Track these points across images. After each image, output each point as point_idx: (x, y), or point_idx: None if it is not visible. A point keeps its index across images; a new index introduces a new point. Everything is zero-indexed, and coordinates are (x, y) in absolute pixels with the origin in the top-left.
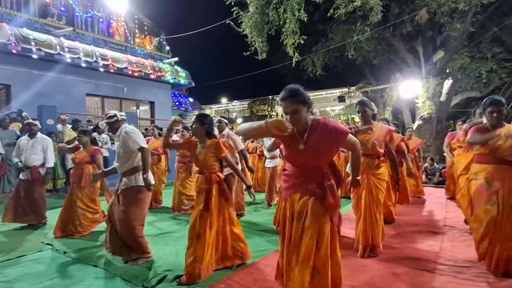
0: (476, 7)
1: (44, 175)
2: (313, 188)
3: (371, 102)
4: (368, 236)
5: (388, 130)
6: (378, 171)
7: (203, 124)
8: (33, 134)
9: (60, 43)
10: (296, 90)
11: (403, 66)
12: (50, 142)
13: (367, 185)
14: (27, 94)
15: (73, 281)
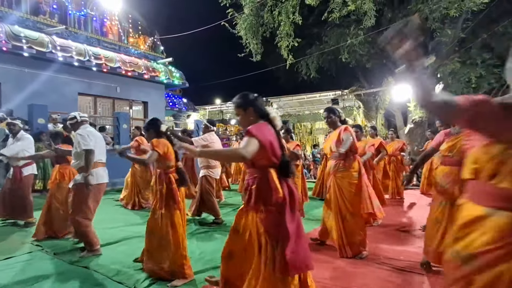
0: (466, 14)
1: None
2: (246, 188)
3: (337, 109)
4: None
5: (340, 129)
6: (341, 174)
7: (148, 130)
8: (14, 134)
9: (52, 41)
10: (237, 97)
11: (395, 70)
12: (27, 140)
13: (333, 186)
14: (18, 93)
15: (63, 282)
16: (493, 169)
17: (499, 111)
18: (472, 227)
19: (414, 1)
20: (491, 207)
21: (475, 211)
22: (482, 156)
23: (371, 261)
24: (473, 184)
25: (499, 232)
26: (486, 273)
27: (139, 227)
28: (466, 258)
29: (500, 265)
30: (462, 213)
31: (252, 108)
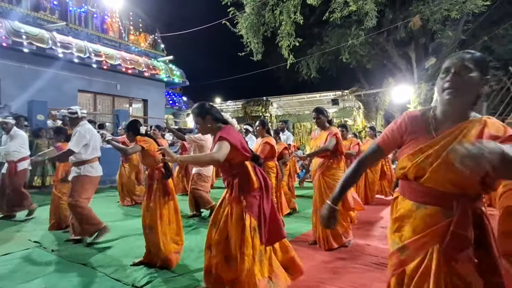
0: (467, 16)
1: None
2: (226, 184)
3: (325, 109)
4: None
5: (329, 132)
6: (330, 171)
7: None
8: (7, 132)
9: (52, 37)
10: (195, 107)
11: (396, 71)
12: (21, 137)
13: (318, 183)
14: (17, 89)
15: (61, 279)
16: (416, 172)
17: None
18: (404, 220)
19: (415, 2)
20: (417, 202)
21: (406, 206)
22: (408, 162)
23: (369, 262)
24: (403, 183)
25: (423, 223)
26: (415, 260)
27: (138, 224)
28: (401, 248)
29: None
30: (396, 207)
31: (209, 116)
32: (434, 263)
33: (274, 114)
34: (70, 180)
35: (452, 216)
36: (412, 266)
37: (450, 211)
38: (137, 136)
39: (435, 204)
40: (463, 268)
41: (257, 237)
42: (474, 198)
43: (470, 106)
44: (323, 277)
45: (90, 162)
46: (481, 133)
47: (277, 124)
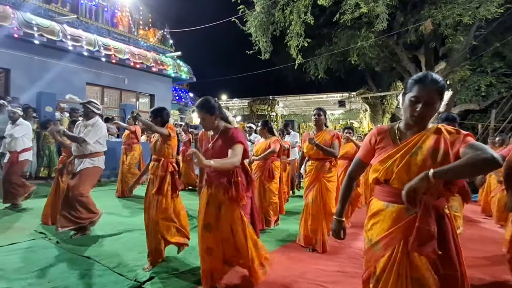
0: (480, 21)
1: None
2: (224, 182)
3: (325, 110)
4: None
5: (334, 134)
6: (329, 174)
7: (156, 117)
8: (14, 121)
9: (63, 30)
10: (203, 102)
11: (405, 75)
12: (22, 125)
13: (318, 187)
14: (27, 80)
15: (65, 271)
16: (386, 175)
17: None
18: (376, 218)
19: (427, 6)
20: (387, 201)
21: (378, 205)
22: (379, 167)
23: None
24: (376, 186)
25: (391, 220)
26: (385, 255)
27: (141, 219)
28: (374, 244)
29: (392, 246)
30: (370, 207)
31: (218, 113)
32: (399, 255)
33: (280, 114)
34: (79, 170)
35: (416, 214)
36: (383, 260)
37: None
38: (170, 124)
39: (401, 202)
40: (420, 260)
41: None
42: (436, 197)
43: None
44: (327, 280)
45: (102, 155)
46: (438, 141)
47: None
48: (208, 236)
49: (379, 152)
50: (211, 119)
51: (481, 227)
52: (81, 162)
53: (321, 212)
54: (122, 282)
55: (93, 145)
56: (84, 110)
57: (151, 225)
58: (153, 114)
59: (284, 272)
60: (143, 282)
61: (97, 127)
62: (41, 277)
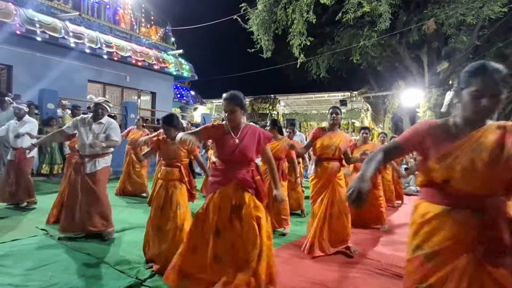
0: (483, 21)
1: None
2: (247, 179)
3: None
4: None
5: (351, 140)
6: (339, 174)
7: (176, 127)
8: (20, 118)
9: (65, 27)
10: (235, 95)
11: (407, 74)
12: (29, 122)
13: (332, 188)
14: (28, 77)
15: (66, 268)
16: (445, 175)
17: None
18: (430, 225)
19: (431, 5)
20: (446, 205)
21: (432, 209)
22: (435, 165)
23: (369, 266)
24: (429, 189)
25: (452, 227)
26: (444, 268)
27: (144, 218)
28: (430, 254)
29: (457, 257)
30: (420, 212)
31: (246, 109)
32: (470, 267)
33: (281, 112)
34: (96, 171)
35: (485, 219)
36: (444, 272)
37: (482, 214)
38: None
39: (466, 207)
40: (500, 273)
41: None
42: (504, 200)
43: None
44: (331, 279)
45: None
46: (502, 135)
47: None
48: (216, 242)
49: (433, 149)
50: (239, 114)
51: None
52: (100, 162)
53: (329, 212)
54: (123, 279)
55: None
56: (97, 109)
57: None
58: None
59: (285, 273)
60: (144, 280)
61: (114, 125)
62: (42, 273)
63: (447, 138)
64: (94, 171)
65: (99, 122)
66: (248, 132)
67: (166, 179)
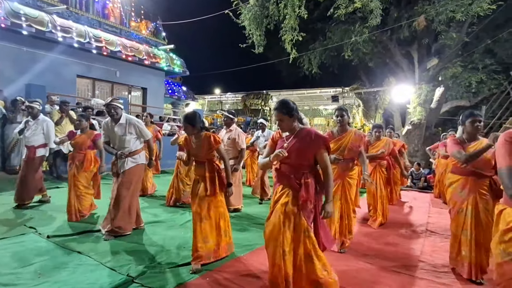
0: (472, 18)
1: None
2: (292, 182)
3: (347, 109)
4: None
5: (362, 137)
6: (351, 173)
7: (194, 125)
8: (34, 116)
9: (52, 20)
10: (282, 104)
11: (397, 71)
12: (50, 124)
13: (342, 187)
14: (15, 72)
15: (56, 266)
16: None
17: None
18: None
19: (421, 2)
20: None
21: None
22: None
23: (362, 260)
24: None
25: None
26: None
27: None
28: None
29: None
30: (505, 218)
31: (296, 115)
32: None
33: (273, 107)
34: (130, 168)
35: None
36: None
37: None
38: (215, 136)
39: None
40: None
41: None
42: None
43: None
44: None
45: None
46: None
47: None
48: (286, 233)
49: None
50: (290, 121)
51: None
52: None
53: (343, 209)
54: (114, 277)
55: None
56: (109, 110)
57: (208, 224)
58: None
59: None
60: (135, 277)
61: (135, 120)
62: (31, 272)
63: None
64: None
65: (119, 124)
66: (300, 137)
67: (196, 175)
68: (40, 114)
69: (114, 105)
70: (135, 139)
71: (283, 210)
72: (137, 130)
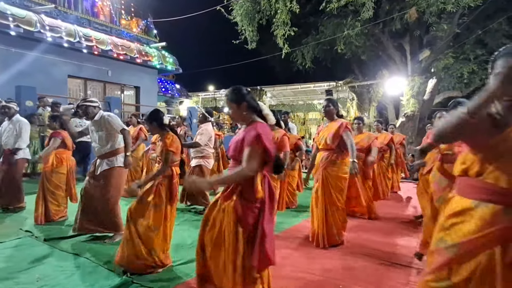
0: (463, 9)
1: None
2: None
3: (336, 101)
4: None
5: (341, 124)
6: (334, 166)
7: (152, 122)
8: (9, 117)
9: (40, 20)
10: (229, 90)
11: (390, 63)
12: (24, 124)
13: (321, 178)
14: (4, 73)
15: (54, 270)
16: (479, 168)
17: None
18: (459, 218)
19: None
20: (477, 200)
21: (464, 203)
22: (471, 157)
23: (356, 252)
24: (462, 180)
25: (482, 221)
26: (469, 262)
27: None
28: (449, 246)
29: (481, 253)
30: (451, 205)
31: (246, 103)
32: (499, 266)
33: (268, 104)
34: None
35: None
36: (468, 268)
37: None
38: (167, 140)
39: (497, 202)
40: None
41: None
42: None
43: None
44: (334, 278)
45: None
46: None
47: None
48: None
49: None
50: (238, 110)
51: None
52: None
53: (323, 203)
54: (113, 278)
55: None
56: (82, 110)
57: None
58: (147, 121)
59: (294, 268)
60: (135, 277)
61: (113, 116)
62: (29, 276)
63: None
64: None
65: (94, 121)
66: (246, 130)
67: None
68: (16, 115)
69: (85, 105)
70: (109, 136)
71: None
72: (107, 123)
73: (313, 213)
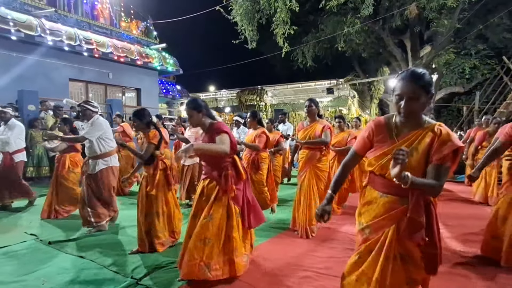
0: (463, 4)
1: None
2: (215, 175)
3: (317, 102)
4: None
5: (325, 125)
6: (319, 163)
7: (141, 120)
8: (5, 122)
9: (41, 24)
10: (190, 100)
11: (391, 60)
12: (17, 126)
13: (308, 175)
14: (6, 78)
15: (59, 272)
16: (381, 170)
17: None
18: (369, 206)
19: None
20: (381, 192)
21: (373, 194)
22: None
23: None
24: (372, 175)
25: (384, 208)
26: (374, 238)
27: (133, 215)
28: (365, 227)
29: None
30: (364, 194)
31: (204, 111)
32: (388, 239)
33: (269, 103)
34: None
35: (408, 204)
36: (372, 241)
37: (406, 200)
38: (150, 133)
39: (394, 194)
40: (411, 245)
41: (240, 222)
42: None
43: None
44: (318, 267)
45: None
46: (432, 141)
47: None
48: (193, 223)
49: (376, 147)
50: (198, 116)
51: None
52: (95, 164)
53: (310, 198)
54: (118, 279)
55: (103, 144)
56: (81, 111)
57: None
58: (133, 119)
59: (278, 261)
60: (140, 279)
61: (96, 123)
62: (35, 279)
63: (387, 138)
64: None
65: (89, 123)
66: (209, 131)
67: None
68: (12, 119)
69: (84, 107)
70: (99, 139)
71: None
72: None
73: (299, 207)
